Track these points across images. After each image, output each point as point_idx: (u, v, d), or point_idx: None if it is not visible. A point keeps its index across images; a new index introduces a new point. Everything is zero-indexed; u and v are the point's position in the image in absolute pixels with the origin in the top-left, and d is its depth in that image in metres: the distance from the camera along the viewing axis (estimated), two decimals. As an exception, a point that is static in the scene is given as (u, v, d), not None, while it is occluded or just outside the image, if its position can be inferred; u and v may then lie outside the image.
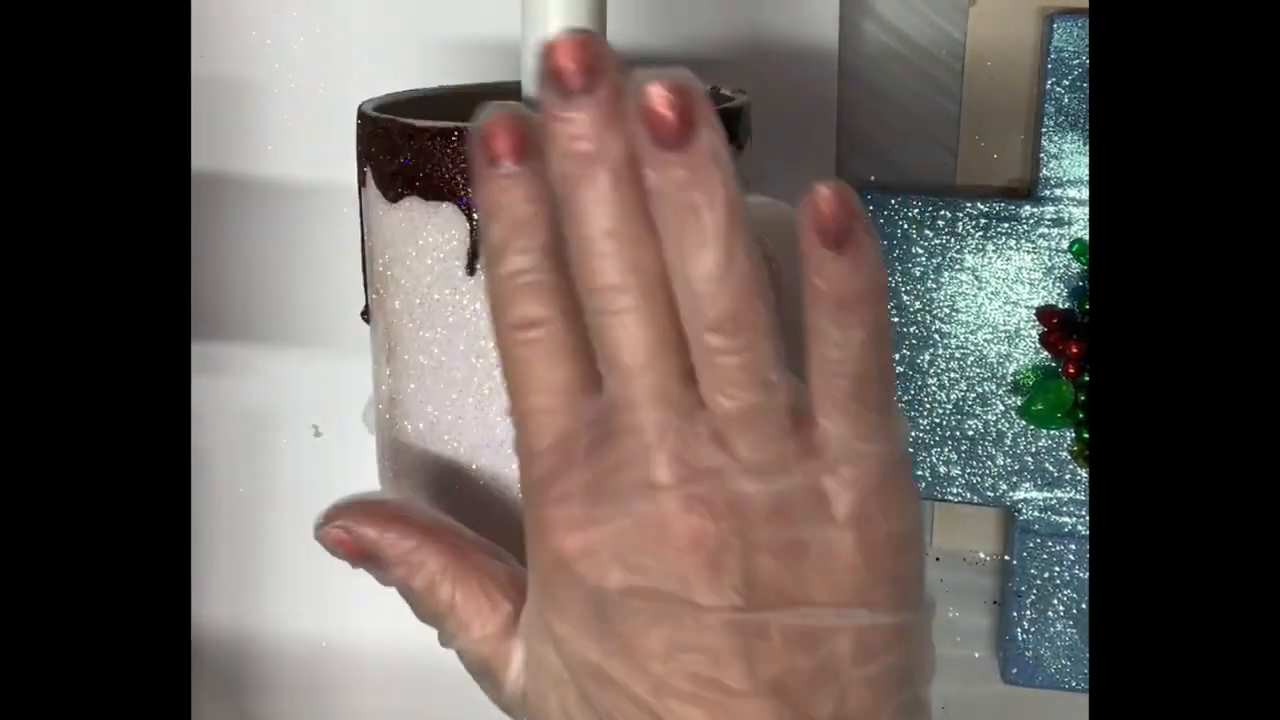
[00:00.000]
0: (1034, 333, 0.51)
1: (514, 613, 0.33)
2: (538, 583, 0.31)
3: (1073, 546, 0.52)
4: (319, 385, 0.56)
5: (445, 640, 0.34)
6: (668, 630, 0.29)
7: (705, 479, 0.29)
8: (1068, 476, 0.52)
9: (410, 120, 0.36)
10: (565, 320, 0.30)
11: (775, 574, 0.29)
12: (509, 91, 0.41)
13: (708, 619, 0.29)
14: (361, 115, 0.38)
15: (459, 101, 0.42)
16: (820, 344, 0.29)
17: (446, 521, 0.34)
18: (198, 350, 0.53)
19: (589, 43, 0.28)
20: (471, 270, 0.36)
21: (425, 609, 0.33)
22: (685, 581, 0.29)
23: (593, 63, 0.28)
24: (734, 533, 0.29)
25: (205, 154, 0.54)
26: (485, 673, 0.33)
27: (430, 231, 0.36)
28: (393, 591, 0.34)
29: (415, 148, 0.36)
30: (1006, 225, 0.50)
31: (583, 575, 0.30)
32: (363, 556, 0.34)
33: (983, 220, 0.51)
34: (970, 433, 0.52)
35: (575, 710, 0.31)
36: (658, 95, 0.28)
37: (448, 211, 0.36)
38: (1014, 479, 0.52)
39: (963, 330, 0.51)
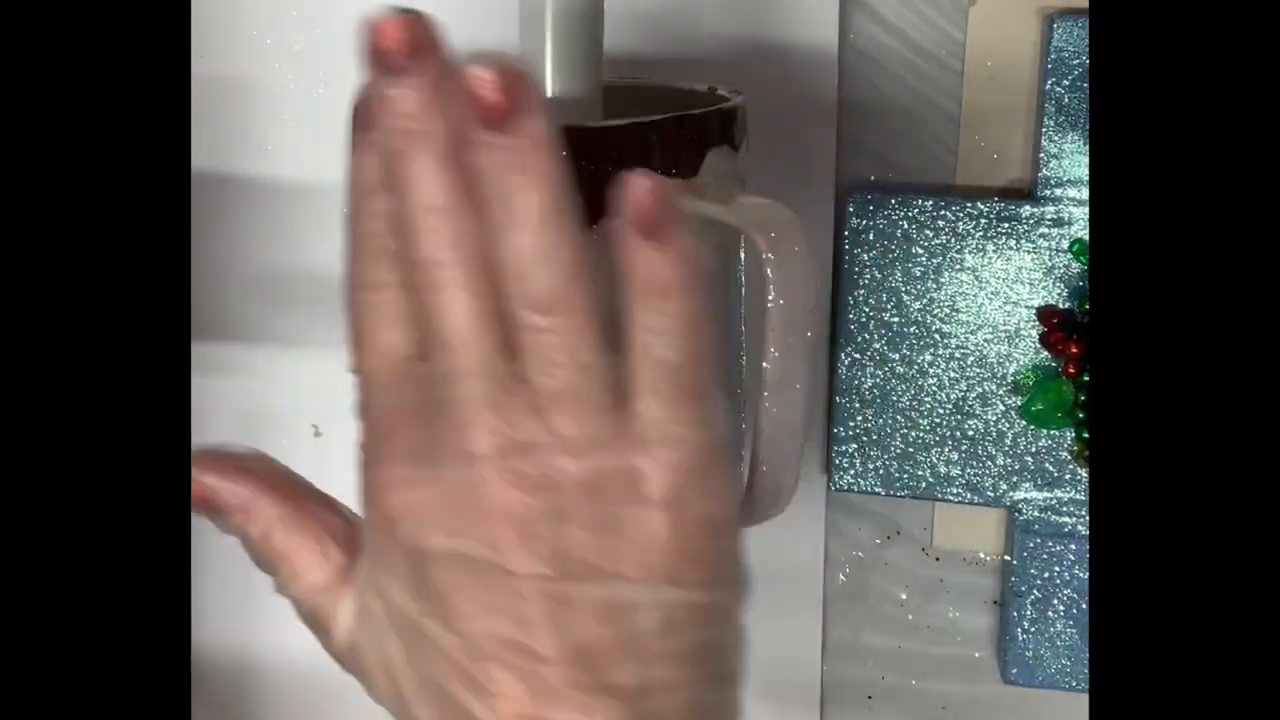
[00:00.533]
0: (1034, 333, 0.51)
1: (347, 565, 0.34)
2: (369, 538, 0.33)
3: (1073, 546, 0.52)
4: (319, 385, 0.56)
5: (279, 588, 0.35)
6: (481, 593, 0.30)
7: (522, 452, 0.30)
8: (1068, 476, 0.52)
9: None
10: (408, 286, 0.31)
11: (586, 546, 0.30)
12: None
13: (518, 585, 0.30)
14: (361, 115, 0.38)
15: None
16: (634, 330, 0.30)
17: (287, 473, 0.35)
18: (198, 350, 0.53)
19: (413, 23, 0.29)
20: None
21: (260, 556, 0.35)
22: (498, 548, 0.30)
23: (417, 42, 0.29)
24: (547, 504, 0.30)
25: (205, 154, 0.54)
26: (315, 621, 0.35)
27: (429, 231, 0.36)
28: None
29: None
30: (1006, 225, 0.50)
31: (405, 534, 0.31)
32: (202, 502, 0.35)
33: (983, 220, 0.51)
34: (970, 433, 0.52)
35: (397, 664, 0.33)
36: (485, 78, 0.29)
37: (447, 211, 0.35)
38: (1014, 479, 0.52)
39: (963, 330, 0.51)
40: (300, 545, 0.34)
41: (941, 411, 0.52)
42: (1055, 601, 0.52)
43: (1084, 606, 0.52)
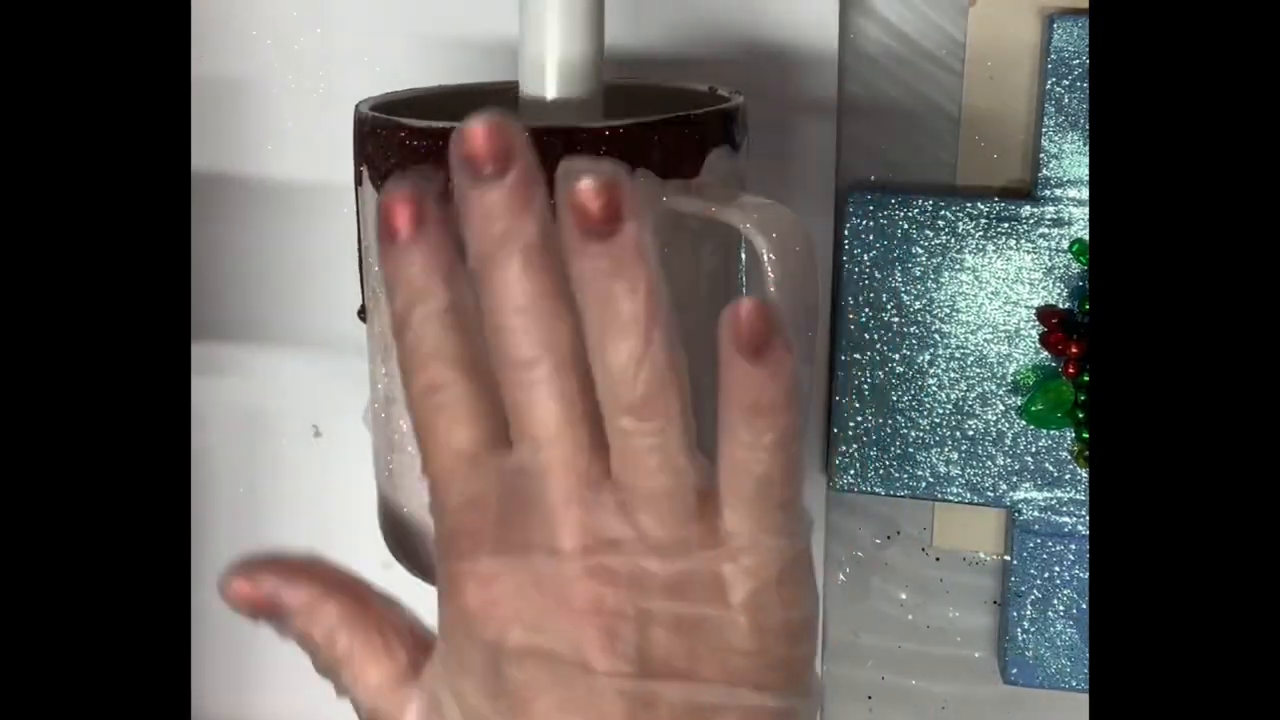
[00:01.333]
0: (1034, 333, 0.51)
1: (410, 662, 0.33)
2: (444, 635, 0.32)
3: (1073, 546, 0.52)
4: (319, 385, 0.56)
5: (341, 691, 0.34)
6: (560, 692, 0.30)
7: (608, 549, 0.30)
8: (1068, 476, 0.52)
9: (407, 120, 0.36)
10: (469, 381, 0.31)
11: (668, 647, 0.30)
12: (506, 91, 0.41)
13: (598, 684, 0.30)
14: (358, 115, 0.38)
15: (457, 101, 0.43)
16: (729, 442, 0.30)
17: (348, 573, 0.35)
18: (198, 350, 0.53)
19: (500, 129, 0.30)
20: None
21: (323, 658, 0.34)
22: (580, 646, 0.30)
23: (503, 148, 0.30)
24: (631, 603, 0.30)
25: (205, 154, 0.54)
26: None
27: (429, 231, 0.36)
28: None
29: (411, 147, 0.36)
30: (1006, 225, 0.50)
31: (483, 631, 0.31)
32: (264, 606, 0.34)
33: (983, 220, 0.51)
34: (970, 433, 0.52)
35: None
36: (585, 188, 0.29)
37: (447, 211, 0.36)
38: (1014, 479, 0.52)
39: (963, 330, 0.51)
40: (365, 645, 0.33)
41: (941, 411, 0.52)
42: (1055, 601, 0.52)
43: (1084, 606, 0.52)
